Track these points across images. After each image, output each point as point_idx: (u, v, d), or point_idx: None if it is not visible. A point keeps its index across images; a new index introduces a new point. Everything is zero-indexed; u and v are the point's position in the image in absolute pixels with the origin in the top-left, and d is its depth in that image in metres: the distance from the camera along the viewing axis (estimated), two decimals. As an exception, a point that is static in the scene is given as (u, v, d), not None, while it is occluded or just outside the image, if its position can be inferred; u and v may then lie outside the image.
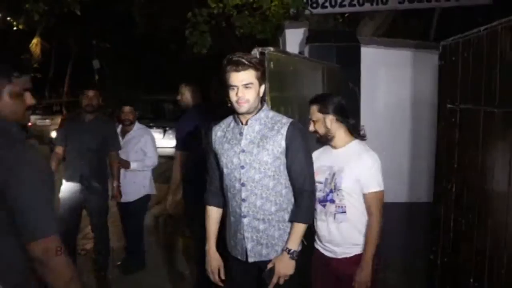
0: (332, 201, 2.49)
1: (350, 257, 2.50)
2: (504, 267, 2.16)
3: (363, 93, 4.48)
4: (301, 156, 2.28)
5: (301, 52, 4.80)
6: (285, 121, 2.30)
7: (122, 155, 4.42)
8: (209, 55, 8.02)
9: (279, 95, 2.79)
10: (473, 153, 2.56)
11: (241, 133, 2.31)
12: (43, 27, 15.89)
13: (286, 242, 2.28)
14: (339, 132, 2.53)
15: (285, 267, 2.24)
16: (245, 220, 2.31)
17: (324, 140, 2.56)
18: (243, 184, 2.28)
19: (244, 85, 2.19)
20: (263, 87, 2.28)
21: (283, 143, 2.25)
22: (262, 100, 2.35)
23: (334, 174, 2.49)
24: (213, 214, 2.49)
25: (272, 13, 6.15)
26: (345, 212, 2.48)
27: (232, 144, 2.34)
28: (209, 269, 2.45)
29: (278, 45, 5.69)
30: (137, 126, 4.63)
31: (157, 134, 10.31)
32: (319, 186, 2.49)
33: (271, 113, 2.36)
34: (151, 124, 10.32)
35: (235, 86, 2.19)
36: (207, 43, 6.55)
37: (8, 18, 13.32)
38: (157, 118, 10.78)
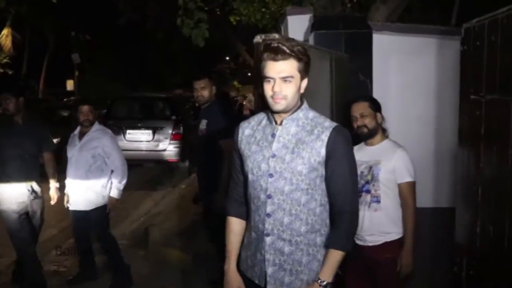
0: (368, 191, 3.02)
1: (379, 245, 3.01)
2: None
3: (375, 85, 4.45)
4: (345, 168, 2.14)
5: (305, 41, 4.78)
6: (328, 124, 2.16)
7: (79, 161, 4.49)
8: (201, 46, 8.00)
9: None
10: (501, 151, 2.54)
11: (273, 135, 2.18)
12: (13, 16, 15.78)
13: (319, 271, 2.14)
14: (380, 130, 3.15)
15: None
16: (268, 239, 2.16)
17: (367, 135, 3.10)
18: (269, 196, 2.14)
19: (283, 78, 2.06)
20: (305, 81, 2.15)
21: (323, 151, 2.11)
22: (302, 97, 2.21)
23: (371, 167, 3.03)
24: (235, 226, 2.35)
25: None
26: (379, 201, 3.01)
27: (261, 146, 2.20)
28: None
29: (280, 34, 5.68)
30: (95, 127, 4.62)
31: (145, 136, 10.34)
32: None
33: (312, 113, 2.21)
34: (139, 125, 10.38)
35: (272, 78, 2.06)
36: (205, 33, 6.43)
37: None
38: (145, 118, 10.72)
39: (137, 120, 10.59)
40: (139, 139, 10.36)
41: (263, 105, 2.59)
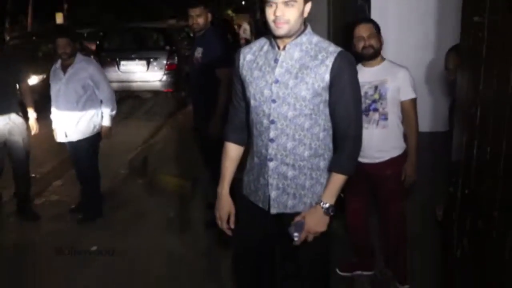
0: (376, 110, 3.12)
1: (386, 160, 3.18)
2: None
3: (373, 10, 4.35)
4: (349, 94, 2.12)
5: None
6: (332, 49, 2.12)
7: (68, 94, 4.44)
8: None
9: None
10: (502, 73, 2.52)
11: (276, 60, 2.14)
12: None
13: (322, 194, 2.16)
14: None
15: (317, 223, 2.11)
16: (271, 164, 2.18)
17: (373, 55, 3.13)
18: (272, 121, 2.13)
19: (284, 2, 2.01)
20: (308, 5, 2.10)
21: (327, 77, 2.08)
22: (305, 22, 2.16)
23: (376, 87, 3.12)
24: (231, 152, 2.36)
25: None
26: (387, 119, 3.13)
27: (264, 71, 2.17)
28: (218, 213, 2.36)
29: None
30: (79, 58, 4.52)
31: (140, 67, 10.22)
32: None
33: (316, 38, 2.16)
34: (132, 56, 10.22)
35: (273, 2, 2.02)
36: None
37: None
38: (139, 49, 10.54)
39: (130, 51, 10.40)
40: (133, 70, 10.23)
41: (257, 34, 2.52)
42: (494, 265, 2.30)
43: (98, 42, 11.21)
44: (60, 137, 4.62)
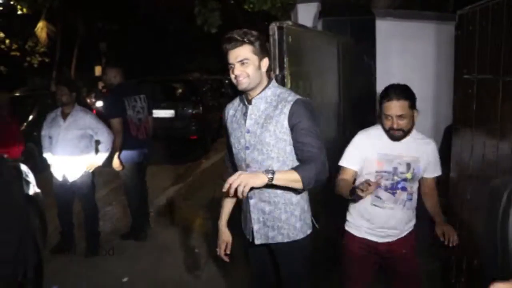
0: (404, 189, 2.58)
1: (404, 236, 2.66)
2: None
3: (378, 68, 4.51)
4: (307, 132, 2.15)
5: (314, 27, 4.83)
6: (291, 98, 2.21)
7: (67, 139, 4.53)
8: (214, 33, 8.02)
9: (297, 69, 2.85)
10: (490, 126, 2.61)
11: (245, 113, 2.29)
12: (47, 10, 15.97)
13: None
14: None
15: (253, 176, 2.03)
16: (252, 201, 2.33)
17: (401, 138, 2.53)
18: (248, 165, 2.28)
19: (240, 62, 2.16)
20: (265, 60, 2.23)
21: (286, 123, 2.18)
22: (269, 76, 2.29)
23: (409, 165, 2.55)
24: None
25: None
26: (412, 199, 2.63)
27: (239, 124, 2.32)
28: (218, 243, 2.57)
29: (290, 21, 5.72)
30: (77, 107, 4.66)
31: (169, 115, 10.46)
32: (385, 175, 2.54)
33: (280, 90, 2.29)
34: (162, 105, 10.48)
35: (232, 64, 2.18)
36: (216, 21, 6.59)
37: (12, 2, 13.42)
38: (168, 99, 10.83)
39: (160, 100, 10.67)
40: (163, 117, 10.46)
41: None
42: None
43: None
44: (58, 177, 4.64)
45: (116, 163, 4.81)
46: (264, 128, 2.21)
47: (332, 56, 3.85)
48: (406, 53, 4.61)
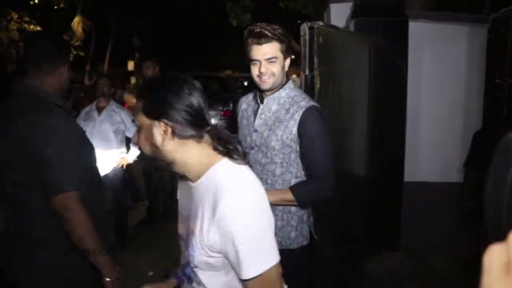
0: None
1: None
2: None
3: (410, 69, 4.50)
4: (317, 146, 2.06)
5: (346, 27, 4.85)
6: (304, 104, 2.10)
7: (101, 132, 4.61)
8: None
9: (327, 70, 2.89)
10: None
11: (256, 112, 2.20)
12: (82, 5, 16.48)
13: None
14: None
15: None
16: None
17: None
18: (250, 166, 2.19)
19: (268, 59, 2.04)
20: (288, 60, 2.13)
21: (295, 130, 2.07)
22: (286, 76, 2.20)
23: None
24: None
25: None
26: None
27: (249, 121, 2.24)
28: None
29: (323, 21, 5.75)
30: (111, 102, 4.80)
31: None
32: None
33: (294, 93, 2.17)
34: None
35: (258, 60, 2.05)
36: (247, 19, 6.73)
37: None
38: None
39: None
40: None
41: (307, 86, 2.72)
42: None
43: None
44: None
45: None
46: (272, 131, 2.12)
47: (363, 57, 3.88)
48: (438, 55, 4.58)
